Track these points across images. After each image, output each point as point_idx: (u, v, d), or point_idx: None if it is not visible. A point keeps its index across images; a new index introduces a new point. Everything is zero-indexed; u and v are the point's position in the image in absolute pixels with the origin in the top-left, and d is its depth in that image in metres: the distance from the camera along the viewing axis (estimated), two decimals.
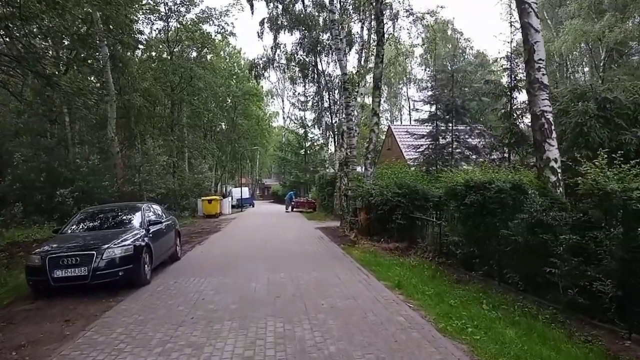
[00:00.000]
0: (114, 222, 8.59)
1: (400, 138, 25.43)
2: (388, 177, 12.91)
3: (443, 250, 9.06)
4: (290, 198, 32.96)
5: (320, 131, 35.97)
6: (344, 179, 17.94)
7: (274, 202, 56.07)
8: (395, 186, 11.50)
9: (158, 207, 10.40)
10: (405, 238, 11.40)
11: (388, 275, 7.88)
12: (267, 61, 29.15)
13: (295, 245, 12.34)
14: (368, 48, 22.50)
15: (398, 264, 9.07)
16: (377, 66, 13.36)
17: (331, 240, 13.63)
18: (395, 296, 6.38)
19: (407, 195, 11.09)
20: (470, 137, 13.92)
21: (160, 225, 9.11)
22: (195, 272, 8.55)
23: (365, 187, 13.41)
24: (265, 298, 6.42)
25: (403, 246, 11.04)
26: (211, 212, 27.20)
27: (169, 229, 9.75)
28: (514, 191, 6.56)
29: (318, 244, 12.64)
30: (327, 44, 28.82)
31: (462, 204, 7.66)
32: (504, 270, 6.65)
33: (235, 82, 46.73)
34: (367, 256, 10.04)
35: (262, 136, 52.91)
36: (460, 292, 6.53)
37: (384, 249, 11.13)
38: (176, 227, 10.61)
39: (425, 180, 11.85)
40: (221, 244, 13.22)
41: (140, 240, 7.78)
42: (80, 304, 6.51)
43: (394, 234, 12.06)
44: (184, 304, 6.23)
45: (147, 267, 7.74)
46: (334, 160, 31.28)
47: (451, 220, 8.83)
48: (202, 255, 11.08)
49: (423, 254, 9.73)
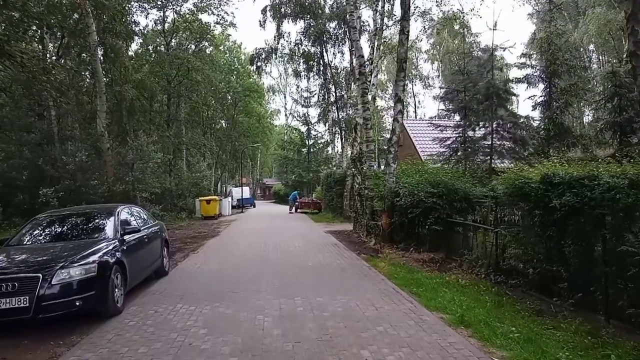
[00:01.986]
0: (79, 230, 6.63)
1: (414, 133, 23.45)
2: (416, 174, 10.94)
3: (502, 266, 7.10)
4: (294, 198, 30.99)
5: (326, 127, 34.01)
6: (357, 177, 15.97)
7: (276, 202, 54.10)
8: (428, 184, 9.53)
9: (140, 210, 8.46)
10: (440, 247, 9.44)
11: (439, 301, 5.93)
12: (270, 51, 27.13)
13: (307, 255, 10.38)
14: (380, 34, 20.55)
15: (443, 282, 7.11)
16: (401, 44, 11.40)
17: (347, 247, 11.68)
18: (467, 342, 4.42)
19: (445, 196, 9.12)
20: (515, 127, 11.82)
21: (141, 233, 7.15)
22: (184, 295, 6.59)
23: (388, 185, 11.45)
24: (279, 344, 4.46)
25: (439, 257, 9.08)
26: (210, 213, 25.24)
27: (153, 238, 7.80)
28: (634, 190, 4.59)
29: (334, 253, 10.68)
30: (333, 34, 26.92)
31: (538, 207, 5.72)
32: (617, 302, 4.68)
33: (235, 77, 44.85)
34: (399, 271, 8.07)
35: (263, 134, 51.01)
36: (559, 335, 4.56)
37: (416, 260, 9.16)
38: (164, 234, 8.65)
39: (464, 178, 9.85)
40: (219, 253, 11.24)
41: (110, 255, 5.83)
42: (15, 350, 4.57)
43: (424, 241, 10.12)
44: (161, 354, 4.28)
45: (118, 292, 5.78)
46: (341, 157, 29.34)
47: (516, 227, 6.86)
48: (196, 269, 9.09)
49: (470, 269, 7.77)
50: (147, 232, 7.51)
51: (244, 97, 43.95)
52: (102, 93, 20.85)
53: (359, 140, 16.24)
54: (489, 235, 7.71)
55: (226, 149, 45.06)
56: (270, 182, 68.75)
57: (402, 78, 11.50)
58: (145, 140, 23.14)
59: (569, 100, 12.66)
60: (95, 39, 20.41)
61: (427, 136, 21.70)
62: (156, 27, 30.21)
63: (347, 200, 20.39)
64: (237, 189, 41.43)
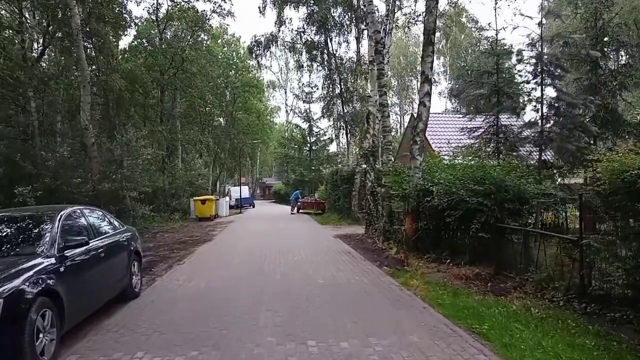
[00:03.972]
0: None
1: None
2: (447, 169, 9.01)
3: (591, 290, 5.17)
4: (295, 198, 29.03)
5: (330, 122, 32.01)
6: (370, 174, 14.04)
7: (276, 202, 52.12)
8: (470, 181, 7.59)
9: (102, 213, 6.50)
10: (486, 260, 7.51)
11: (521, 350, 4.00)
12: (270, 39, 25.15)
13: (317, 268, 8.42)
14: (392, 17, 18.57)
15: (509, 313, 5.17)
16: (429, 12, 9.44)
17: (364, 257, 9.73)
18: None
19: (494, 195, 7.18)
20: (570, 108, 9.68)
21: (95, 245, 5.22)
22: (150, 336, 4.64)
23: (413, 182, 9.51)
24: None
25: (486, 273, 7.15)
26: (205, 214, 23.27)
27: (115, 251, 5.84)
28: None
29: (349, 265, 8.72)
30: (338, 21, 24.99)
31: None
32: None
33: (234, 72, 42.96)
34: (442, 294, 6.13)
35: (263, 132, 49.09)
36: None
37: (457, 277, 7.22)
38: (134, 245, 6.69)
39: (515, 172, 7.86)
40: (209, 265, 9.23)
41: (33, 282, 3.87)
42: None
43: (462, 251, 8.18)
44: None
45: (45, 338, 3.84)
46: (347, 153, 27.40)
47: (617, 237, 4.93)
48: (177, 288, 7.10)
49: (539, 292, 5.82)
50: (105, 244, 5.55)
51: (243, 92, 42.16)
52: (85, 82, 19.00)
53: (372, 132, 14.28)
54: (566, 247, 5.76)
55: (225, 146, 43.18)
56: (271, 182, 66.84)
57: (429, 53, 9.53)
58: (134, 135, 21.24)
59: (625, 82, 10.69)
60: (78, 23, 18.57)
61: (442, 130, 19.81)
62: (150, 17, 28.38)
63: (356, 200, 18.45)
64: (235, 188, 39.46)
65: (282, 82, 53.69)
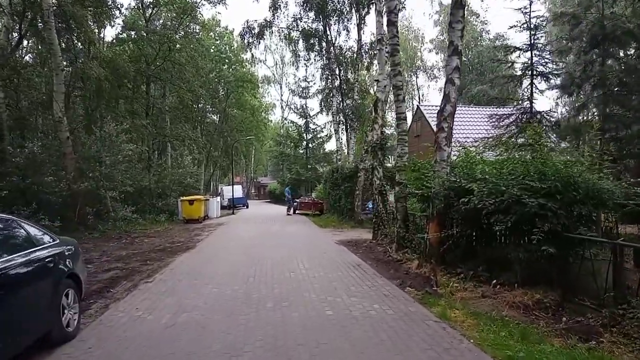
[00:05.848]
0: None
1: (435, 121, 19.63)
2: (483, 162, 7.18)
3: None
4: (288, 194, 27.25)
5: (329, 117, 30.15)
6: (378, 170, 12.20)
7: (271, 201, 50.15)
8: (525, 177, 5.75)
9: (9, 222, 4.57)
10: (545, 280, 5.67)
11: None
12: (264, 25, 23.20)
13: (321, 289, 6.53)
14: None
15: None
16: None
17: (378, 271, 7.87)
18: None
19: (560, 195, 5.34)
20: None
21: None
22: None
23: (439, 179, 7.65)
24: None
25: (551, 300, 5.32)
26: (193, 215, 21.31)
27: (28, 280, 3.93)
28: None
29: (364, 287, 6.79)
30: (338, 7, 23.14)
31: None
32: None
33: (227, 67, 41.01)
34: (505, 337, 4.27)
35: (257, 129, 47.15)
36: None
37: (511, 305, 5.38)
38: (70, 266, 4.77)
39: (581, 166, 6.00)
40: (181, 287, 7.02)
41: None
42: None
43: (509, 268, 6.31)
44: None
45: None
46: (348, 149, 25.54)
47: None
48: (132, 324, 5.15)
49: None
50: (19, 267, 3.64)
51: (236, 88, 40.22)
52: (58, 70, 17.06)
53: (380, 121, 12.42)
54: None
55: (218, 144, 41.19)
56: (266, 181, 64.88)
57: (459, 18, 7.66)
58: (114, 129, 19.28)
59: None
60: (49, 2, 16.62)
61: (461, 123, 18.09)
62: (136, 3, 26.37)
63: (360, 200, 16.60)
64: (228, 188, 37.46)
65: (278, 76, 51.77)
